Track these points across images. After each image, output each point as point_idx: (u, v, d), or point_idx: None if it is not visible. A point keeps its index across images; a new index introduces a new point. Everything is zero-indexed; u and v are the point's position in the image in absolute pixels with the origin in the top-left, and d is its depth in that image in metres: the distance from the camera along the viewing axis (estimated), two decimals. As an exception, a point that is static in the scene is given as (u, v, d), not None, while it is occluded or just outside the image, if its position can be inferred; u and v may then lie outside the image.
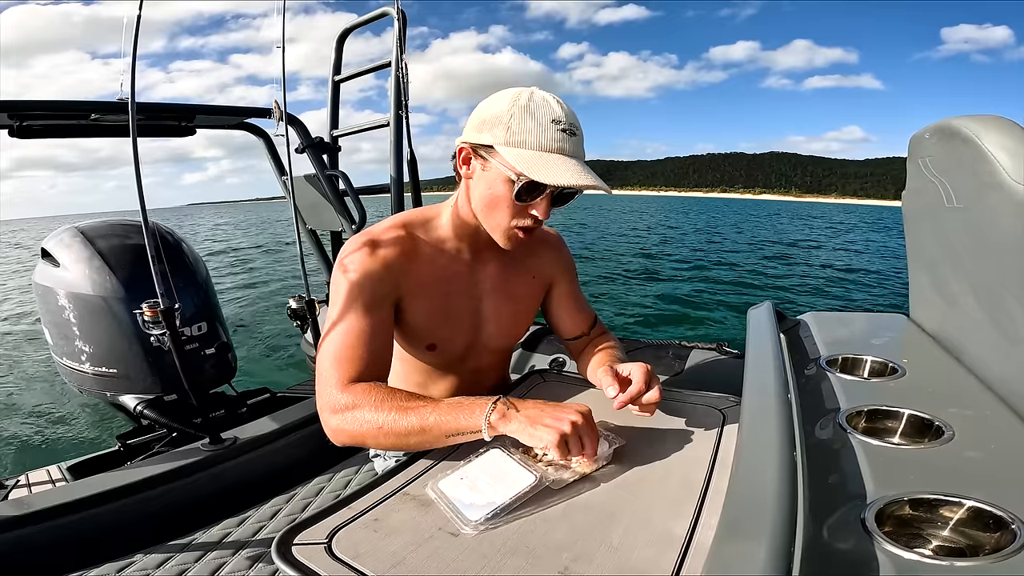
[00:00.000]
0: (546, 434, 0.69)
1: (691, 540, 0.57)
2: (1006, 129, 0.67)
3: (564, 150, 0.79)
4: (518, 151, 0.79)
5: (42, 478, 1.50)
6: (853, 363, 0.89)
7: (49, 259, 1.64)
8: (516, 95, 0.81)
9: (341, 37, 2.08)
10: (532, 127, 0.78)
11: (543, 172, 0.77)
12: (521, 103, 0.80)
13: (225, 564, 1.00)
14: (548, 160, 0.78)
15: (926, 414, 0.66)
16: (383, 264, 0.87)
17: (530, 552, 0.56)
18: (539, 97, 0.81)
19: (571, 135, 0.80)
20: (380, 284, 0.87)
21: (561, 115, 0.80)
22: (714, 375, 1.53)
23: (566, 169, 0.77)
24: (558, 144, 0.79)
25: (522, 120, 0.79)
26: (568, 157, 0.79)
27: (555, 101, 0.81)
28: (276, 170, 2.17)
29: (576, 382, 1.04)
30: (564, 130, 0.79)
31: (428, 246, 0.94)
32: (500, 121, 0.80)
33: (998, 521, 0.47)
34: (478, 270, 0.98)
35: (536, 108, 0.79)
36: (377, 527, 0.62)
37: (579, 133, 0.82)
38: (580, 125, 0.83)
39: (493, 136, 0.80)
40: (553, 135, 0.78)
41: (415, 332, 0.96)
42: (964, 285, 0.84)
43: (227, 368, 1.81)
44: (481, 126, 0.82)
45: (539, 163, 0.78)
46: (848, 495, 0.53)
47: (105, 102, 1.56)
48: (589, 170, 0.80)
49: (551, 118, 0.79)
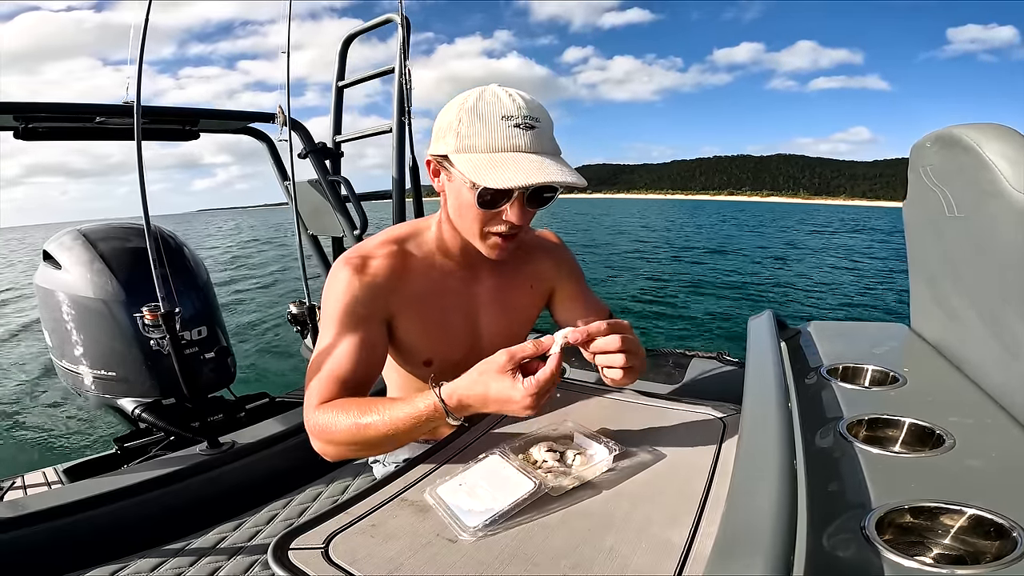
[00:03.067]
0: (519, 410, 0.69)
1: (690, 549, 0.56)
2: (1007, 137, 0.67)
3: (519, 147, 0.74)
4: (468, 157, 0.75)
5: (38, 480, 1.49)
6: (854, 372, 0.88)
7: (50, 261, 1.65)
8: (465, 98, 0.77)
9: (345, 43, 2.09)
10: (480, 129, 0.74)
11: (491, 176, 0.72)
12: (468, 105, 0.76)
13: (221, 568, 0.99)
14: (499, 162, 0.73)
15: (927, 423, 0.66)
16: (371, 283, 0.85)
17: (528, 559, 0.56)
18: (489, 95, 0.76)
19: (527, 128, 0.74)
20: (367, 304, 0.85)
21: (512, 110, 0.74)
22: (715, 384, 1.53)
23: (519, 169, 0.72)
24: (511, 141, 0.74)
25: (470, 123, 0.75)
26: (526, 154, 0.74)
27: (507, 96, 0.76)
28: (278, 175, 2.18)
29: (574, 388, 1.04)
30: (518, 125, 0.74)
31: (420, 261, 0.91)
32: (451, 128, 0.77)
33: (999, 529, 0.46)
34: (473, 283, 0.96)
35: (484, 108, 0.75)
36: (375, 532, 0.62)
37: (540, 125, 0.76)
38: (543, 115, 0.77)
39: (446, 145, 0.77)
40: (503, 133, 0.74)
41: (410, 348, 0.94)
42: (965, 295, 0.84)
43: (226, 372, 1.81)
44: (437, 135, 0.80)
45: (488, 167, 0.73)
46: (849, 503, 0.53)
47: (110, 105, 1.57)
48: (555, 164, 0.75)
49: (500, 115, 0.74)
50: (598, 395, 0.99)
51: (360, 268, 0.85)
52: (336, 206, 1.96)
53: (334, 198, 1.96)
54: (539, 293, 1.04)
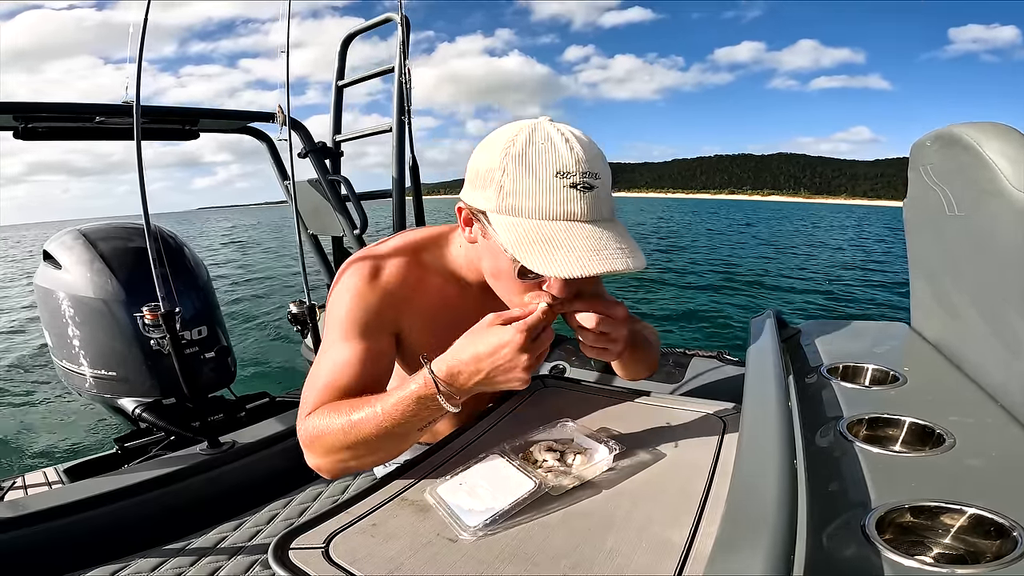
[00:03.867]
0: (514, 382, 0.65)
1: (690, 548, 0.56)
2: (1007, 136, 0.67)
3: (574, 215, 0.62)
4: (512, 221, 0.63)
5: (39, 480, 1.49)
6: (854, 371, 0.88)
7: (50, 261, 1.65)
8: (512, 138, 0.64)
9: (345, 42, 2.10)
10: (529, 186, 0.62)
11: (539, 258, 0.61)
12: (515, 151, 0.63)
13: (221, 568, 0.99)
14: (549, 235, 0.61)
15: (927, 422, 0.66)
16: (384, 294, 0.79)
17: (528, 559, 0.56)
18: (541, 137, 0.63)
19: (586, 189, 0.62)
20: (378, 315, 0.79)
21: (569, 163, 0.61)
22: (715, 383, 1.53)
23: (572, 249, 0.60)
24: (565, 208, 0.61)
25: (516, 177, 0.62)
26: (580, 223, 0.62)
27: (563, 141, 0.63)
28: (278, 174, 2.18)
29: (577, 388, 1.04)
30: (574, 185, 0.61)
31: (436, 274, 0.84)
32: (492, 179, 0.64)
33: (999, 528, 0.46)
34: (488, 302, 0.86)
35: (535, 156, 0.62)
36: (375, 532, 0.62)
37: (599, 184, 0.63)
38: (603, 168, 0.65)
39: (486, 199, 0.66)
40: (559, 195, 0.61)
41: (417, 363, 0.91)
42: (965, 294, 0.84)
43: (226, 372, 1.81)
44: (475, 182, 0.68)
45: (537, 244, 0.61)
46: (849, 503, 0.53)
47: (110, 105, 1.58)
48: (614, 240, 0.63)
49: (556, 169, 0.61)
50: (598, 395, 0.99)
51: (373, 276, 0.79)
52: (336, 206, 1.96)
53: (334, 197, 1.96)
54: None
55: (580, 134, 0.66)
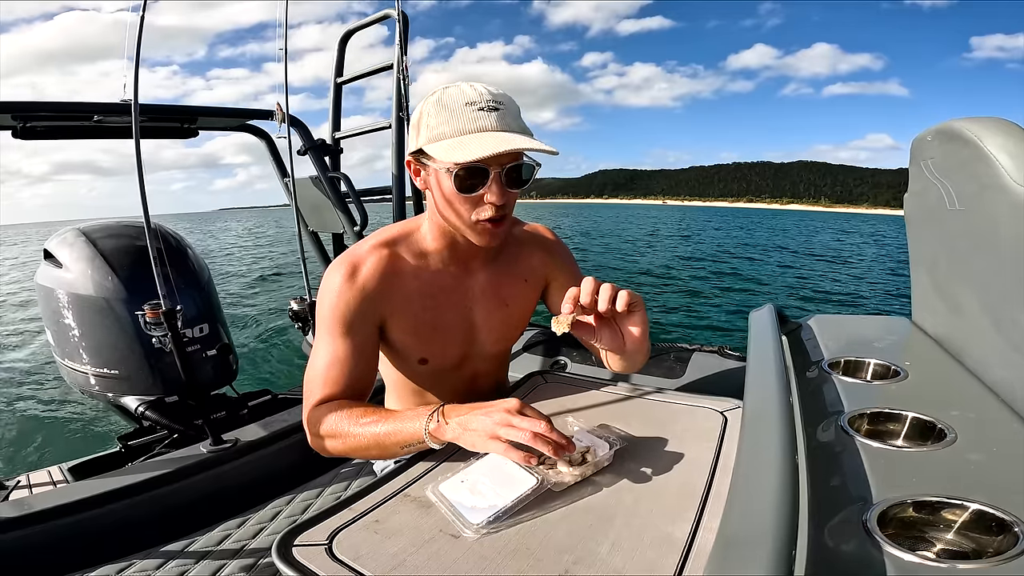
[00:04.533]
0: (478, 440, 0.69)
1: (692, 543, 0.56)
2: (1008, 131, 0.67)
3: (485, 127, 0.77)
4: (439, 144, 0.79)
5: (43, 479, 1.50)
6: (855, 366, 0.88)
7: (51, 260, 1.65)
8: (431, 93, 0.82)
9: (343, 40, 2.09)
10: (446, 117, 0.78)
11: (462, 152, 0.76)
12: (434, 99, 0.80)
13: (226, 566, 0.99)
14: (468, 141, 0.77)
15: (929, 417, 0.66)
16: (361, 289, 0.87)
17: (531, 554, 0.56)
18: (453, 88, 0.80)
19: (492, 110, 0.78)
20: (358, 310, 0.87)
21: (474, 96, 0.78)
22: (716, 378, 1.53)
23: (484, 144, 0.75)
24: (476, 123, 0.77)
25: (436, 114, 0.79)
26: (492, 132, 0.77)
27: (469, 86, 0.80)
28: (278, 172, 2.18)
29: (577, 383, 1.04)
30: (483, 108, 0.77)
31: (410, 261, 0.92)
32: (421, 123, 0.81)
33: (1001, 524, 0.46)
34: (466, 280, 0.96)
35: (448, 98, 0.79)
36: (378, 529, 0.62)
37: (504, 108, 0.79)
38: (507, 100, 0.80)
39: (418, 140, 0.81)
40: (469, 116, 0.77)
41: (405, 348, 0.95)
42: (965, 288, 0.84)
43: (228, 370, 1.81)
44: (411, 136, 0.84)
45: (458, 146, 0.77)
46: (850, 498, 0.53)
47: (108, 104, 1.57)
48: (521, 136, 0.78)
49: (464, 102, 0.78)
50: (599, 390, 0.99)
51: (350, 274, 0.87)
52: (336, 203, 1.96)
53: (334, 195, 1.96)
54: (533, 286, 1.04)
55: (489, 85, 0.81)
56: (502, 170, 0.79)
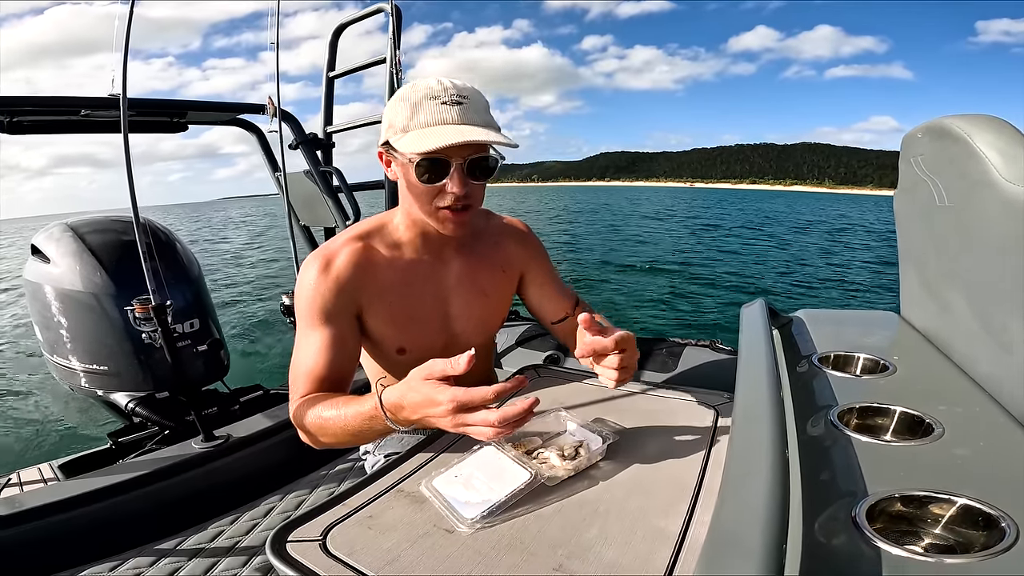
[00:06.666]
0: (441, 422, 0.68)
1: (684, 537, 0.57)
2: (997, 128, 0.67)
3: (447, 120, 0.79)
4: (403, 136, 0.81)
5: (33, 476, 1.49)
6: (845, 360, 0.89)
7: (39, 255, 1.63)
8: (399, 91, 0.84)
9: (335, 34, 2.07)
10: (410, 111, 0.80)
11: (421, 143, 0.78)
12: (400, 95, 0.83)
13: (219, 562, 0.99)
14: (429, 133, 0.78)
15: (917, 411, 0.67)
16: (336, 281, 0.88)
17: (525, 548, 0.56)
18: (420, 83, 0.82)
19: (455, 104, 0.79)
20: (334, 302, 0.88)
21: (438, 91, 0.80)
22: (708, 372, 1.54)
23: (443, 135, 0.77)
24: (439, 116, 0.79)
25: (402, 109, 0.81)
26: (453, 125, 0.79)
27: (436, 81, 0.81)
28: (269, 166, 2.16)
29: (571, 378, 1.04)
30: (445, 102, 0.79)
31: (385, 253, 0.93)
32: (388, 118, 0.84)
33: (987, 519, 0.47)
34: (441, 269, 0.97)
35: (413, 94, 0.81)
36: (372, 524, 0.62)
37: (468, 101, 0.81)
38: (473, 94, 0.82)
39: (387, 134, 0.84)
40: (431, 110, 0.79)
41: (382, 339, 0.95)
42: (954, 284, 0.84)
43: (219, 365, 1.80)
44: (382, 132, 0.86)
45: (419, 138, 0.78)
46: (840, 492, 0.54)
47: (96, 98, 1.55)
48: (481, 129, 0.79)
49: (427, 96, 0.80)
50: (592, 385, 1.00)
51: (325, 267, 0.88)
52: (328, 197, 1.95)
53: (326, 189, 1.94)
54: (510, 276, 1.06)
55: (457, 80, 0.83)
56: (464, 162, 0.81)
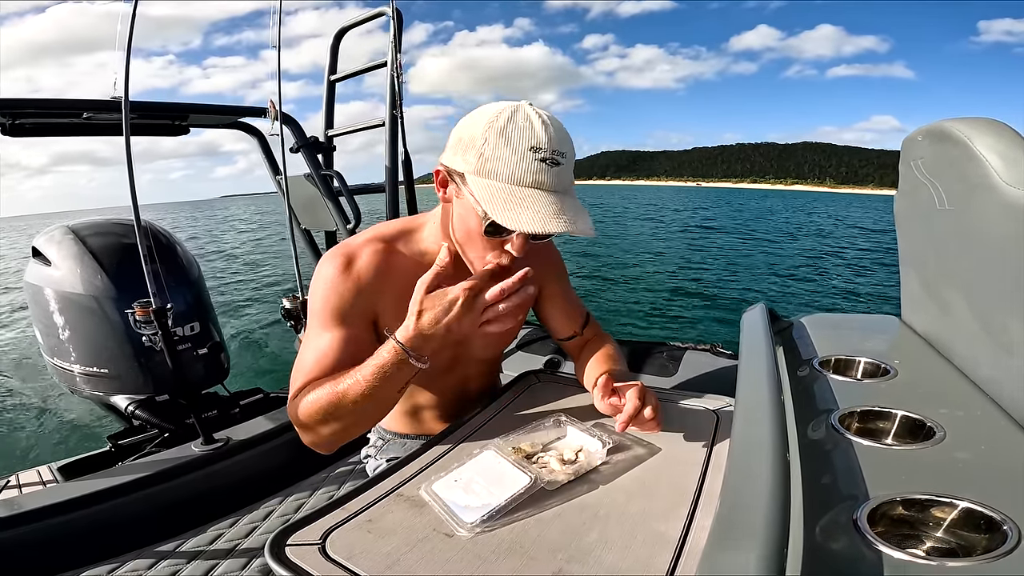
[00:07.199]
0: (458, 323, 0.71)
1: (685, 542, 0.57)
2: (998, 132, 0.67)
3: (542, 184, 0.71)
4: (487, 183, 0.72)
5: (33, 479, 1.48)
6: (846, 364, 0.89)
7: (40, 258, 1.63)
8: (496, 114, 0.73)
9: (337, 37, 2.08)
10: (506, 155, 0.71)
11: (508, 214, 0.70)
12: (498, 125, 0.72)
13: (218, 565, 0.99)
14: (520, 198, 0.70)
15: (918, 415, 0.67)
16: (356, 283, 0.85)
17: (525, 553, 0.56)
18: (521, 117, 0.72)
19: (552, 165, 0.72)
20: (352, 303, 0.84)
21: (543, 141, 0.71)
22: (708, 377, 1.54)
23: (537, 211, 0.70)
24: (534, 177, 0.71)
25: (496, 146, 0.71)
26: (546, 192, 0.71)
27: (540, 122, 0.72)
28: (270, 170, 2.17)
29: (570, 382, 1.04)
30: (545, 160, 0.71)
31: (408, 260, 0.89)
32: (473, 145, 0.73)
33: (989, 522, 0.47)
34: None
35: (514, 132, 0.71)
36: (371, 528, 0.62)
37: (564, 161, 0.73)
38: (569, 148, 0.75)
39: (465, 162, 0.74)
40: (529, 166, 0.70)
41: None
42: (954, 288, 0.84)
43: (220, 368, 1.80)
44: (456, 148, 0.76)
45: (508, 201, 0.70)
46: (841, 495, 0.54)
47: (98, 100, 1.55)
48: (574, 208, 0.73)
49: (530, 144, 0.71)
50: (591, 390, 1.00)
51: (346, 266, 0.85)
52: (329, 201, 1.95)
53: (327, 192, 1.95)
54: None
55: (554, 119, 0.75)
56: None
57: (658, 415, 0.79)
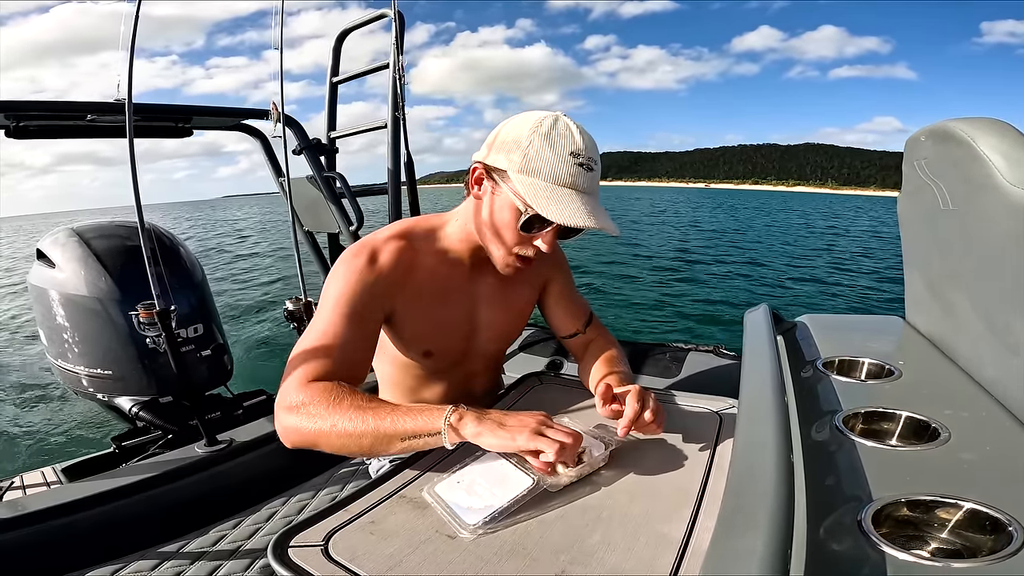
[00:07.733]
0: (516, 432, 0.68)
1: (688, 543, 0.57)
2: (1001, 132, 0.67)
3: (578, 185, 0.78)
4: (531, 180, 0.78)
5: (37, 480, 1.49)
6: (850, 365, 0.89)
7: (44, 260, 1.64)
8: (539, 120, 0.79)
9: (339, 39, 2.08)
10: (549, 157, 0.77)
11: (553, 208, 0.76)
12: (543, 130, 0.78)
13: (221, 567, 0.99)
14: (560, 195, 0.77)
15: (922, 416, 0.67)
16: (378, 277, 0.86)
17: (527, 554, 0.56)
18: (562, 125, 0.79)
19: (588, 170, 0.78)
20: (371, 297, 0.85)
21: (581, 147, 0.78)
22: (711, 378, 1.54)
23: (577, 208, 0.76)
24: (573, 179, 0.77)
25: (541, 148, 0.77)
26: (581, 193, 0.78)
27: (578, 131, 0.79)
28: (273, 172, 2.17)
29: (573, 385, 1.04)
30: (582, 164, 0.78)
31: (429, 257, 0.92)
32: (518, 146, 0.78)
33: (995, 523, 0.47)
34: (476, 279, 0.97)
35: (557, 137, 0.78)
36: (374, 530, 0.62)
37: (596, 168, 0.80)
38: (599, 158, 0.81)
39: (509, 161, 0.79)
40: (569, 168, 0.77)
41: (412, 340, 0.96)
42: (958, 288, 0.84)
43: (223, 370, 1.80)
44: (499, 147, 0.81)
45: (550, 197, 0.77)
46: (845, 497, 0.53)
47: (102, 103, 1.56)
48: (601, 209, 0.80)
49: (570, 150, 0.77)
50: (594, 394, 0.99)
51: (370, 261, 0.86)
52: (332, 202, 1.95)
53: (329, 194, 1.95)
54: (534, 289, 1.07)
55: (587, 132, 0.81)
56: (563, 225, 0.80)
57: (658, 417, 0.79)
